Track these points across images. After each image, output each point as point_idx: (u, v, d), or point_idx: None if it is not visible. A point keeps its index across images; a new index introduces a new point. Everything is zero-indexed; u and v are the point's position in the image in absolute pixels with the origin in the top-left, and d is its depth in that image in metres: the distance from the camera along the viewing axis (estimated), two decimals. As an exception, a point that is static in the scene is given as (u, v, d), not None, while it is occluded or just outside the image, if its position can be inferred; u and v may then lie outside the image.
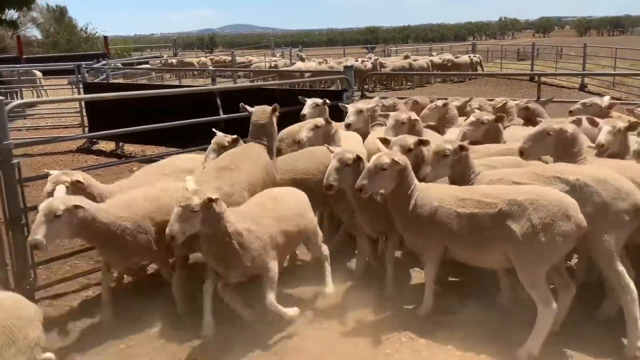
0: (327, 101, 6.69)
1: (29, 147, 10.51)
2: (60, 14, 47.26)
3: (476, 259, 4.36)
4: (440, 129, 6.73)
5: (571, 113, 6.27)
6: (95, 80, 13.51)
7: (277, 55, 28.17)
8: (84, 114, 12.44)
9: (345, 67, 8.49)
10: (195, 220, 3.89)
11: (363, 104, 6.56)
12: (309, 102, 6.63)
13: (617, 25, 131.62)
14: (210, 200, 3.90)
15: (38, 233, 3.89)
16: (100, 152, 11.91)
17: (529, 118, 6.87)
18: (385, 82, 23.57)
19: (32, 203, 5.24)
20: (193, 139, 6.99)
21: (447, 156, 4.60)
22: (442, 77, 23.88)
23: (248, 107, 5.44)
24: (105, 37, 35.09)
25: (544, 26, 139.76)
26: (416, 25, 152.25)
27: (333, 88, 16.78)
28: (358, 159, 4.56)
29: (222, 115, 7.48)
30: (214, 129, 5.82)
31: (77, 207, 4.08)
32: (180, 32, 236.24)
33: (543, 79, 17.60)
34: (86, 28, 44.64)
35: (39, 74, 19.14)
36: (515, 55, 34.47)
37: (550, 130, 4.65)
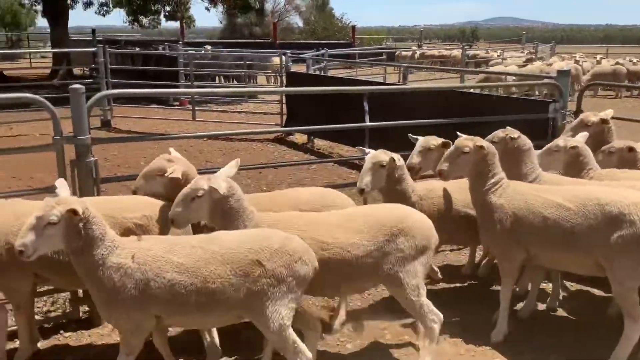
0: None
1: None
2: (322, 4, 50.00)
3: None
4: None
5: None
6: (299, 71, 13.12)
7: (525, 52, 25.15)
8: (284, 101, 12.18)
9: (559, 72, 6.35)
10: None
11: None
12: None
13: None
14: None
15: None
16: (291, 144, 11.48)
17: None
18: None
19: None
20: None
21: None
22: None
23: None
24: (353, 27, 35.85)
25: None
26: None
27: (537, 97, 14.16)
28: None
29: (368, 123, 6.10)
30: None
31: None
32: (443, 24, 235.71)
33: None
34: (342, 18, 46.56)
35: (276, 60, 19.94)
36: None
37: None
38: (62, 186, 3.23)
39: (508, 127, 4.58)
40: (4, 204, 3.68)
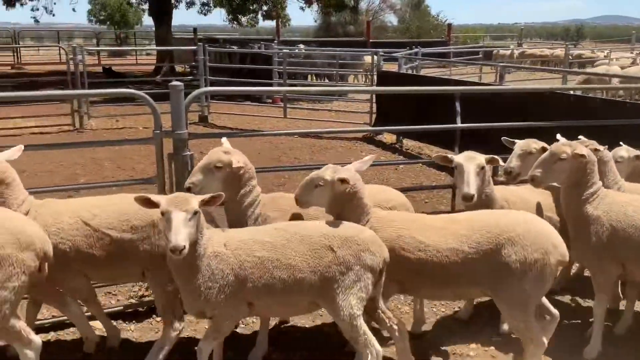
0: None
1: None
2: (417, 2, 49.28)
3: None
4: None
5: None
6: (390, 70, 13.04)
7: (634, 52, 23.50)
8: (374, 100, 12.13)
9: (671, 75, 5.89)
10: None
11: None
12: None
13: None
14: None
15: None
16: (380, 144, 11.44)
17: None
18: None
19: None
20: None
21: None
22: None
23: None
24: (449, 25, 35.14)
25: None
26: None
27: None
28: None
29: (459, 124, 5.93)
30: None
31: None
32: (545, 21, 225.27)
33: None
34: (437, 16, 45.74)
35: (368, 59, 19.84)
36: None
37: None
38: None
39: (583, 138, 4.32)
40: (42, 205, 3.72)
